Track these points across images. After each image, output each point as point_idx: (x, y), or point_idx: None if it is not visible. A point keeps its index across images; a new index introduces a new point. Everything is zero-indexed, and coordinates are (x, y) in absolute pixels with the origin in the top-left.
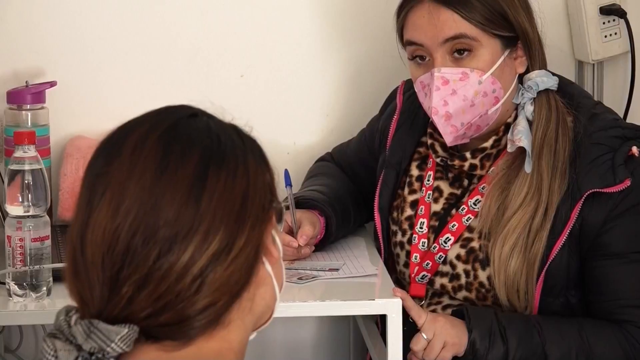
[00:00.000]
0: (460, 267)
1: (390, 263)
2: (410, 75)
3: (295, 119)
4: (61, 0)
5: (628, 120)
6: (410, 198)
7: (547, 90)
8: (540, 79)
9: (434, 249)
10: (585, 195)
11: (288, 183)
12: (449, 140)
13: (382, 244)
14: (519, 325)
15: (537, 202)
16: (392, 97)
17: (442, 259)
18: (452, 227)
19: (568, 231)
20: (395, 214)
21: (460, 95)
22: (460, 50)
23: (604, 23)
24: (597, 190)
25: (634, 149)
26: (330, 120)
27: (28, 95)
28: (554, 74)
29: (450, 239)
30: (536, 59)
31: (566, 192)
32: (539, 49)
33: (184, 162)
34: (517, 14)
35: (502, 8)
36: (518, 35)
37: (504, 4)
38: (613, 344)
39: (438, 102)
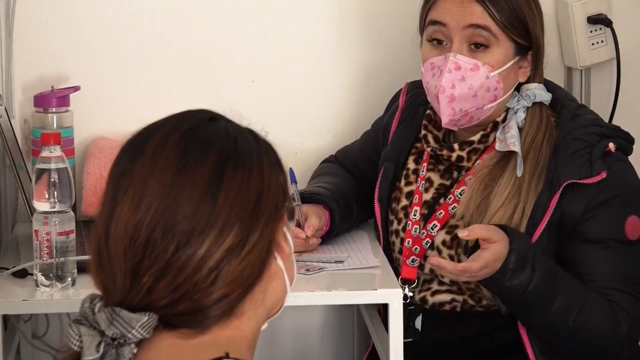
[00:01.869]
0: (446, 252)
1: (389, 251)
2: (421, 57)
3: (303, 121)
4: (84, 12)
5: (614, 123)
6: (406, 189)
7: (540, 103)
8: (538, 92)
9: (422, 234)
10: (563, 186)
11: (293, 180)
12: (445, 121)
13: (381, 233)
14: (547, 263)
15: (517, 201)
16: (396, 97)
17: (429, 245)
18: (439, 214)
19: (547, 219)
20: (393, 205)
21: (468, 83)
22: (477, 44)
23: (591, 32)
24: (575, 181)
25: (611, 145)
26: (336, 123)
27: (53, 99)
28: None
29: (436, 226)
30: (538, 72)
31: (545, 183)
32: (542, 64)
33: (202, 162)
34: (535, 27)
35: (525, 18)
36: (532, 46)
37: (527, 15)
38: (607, 317)
39: (447, 82)
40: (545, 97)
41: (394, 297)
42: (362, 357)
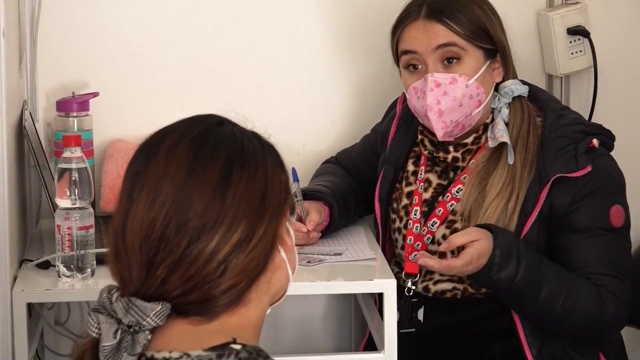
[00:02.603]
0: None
1: (388, 247)
2: (403, 85)
3: (305, 125)
4: (103, 24)
5: None
6: (407, 190)
7: (519, 97)
8: (515, 87)
9: (423, 231)
10: (552, 180)
11: (295, 179)
12: (440, 135)
13: (380, 230)
14: (531, 255)
15: (512, 189)
16: (392, 105)
17: (430, 240)
18: (438, 212)
19: (538, 211)
20: (394, 205)
21: (451, 96)
22: (449, 59)
23: (570, 42)
24: (563, 175)
25: (594, 141)
26: (336, 126)
27: (74, 104)
28: (527, 83)
29: (436, 222)
30: (510, 70)
31: (535, 178)
32: (512, 61)
33: (212, 163)
34: (496, 31)
35: (485, 25)
36: (497, 49)
37: (485, 22)
38: (594, 300)
39: (432, 100)
40: (522, 90)
41: (388, 287)
42: (359, 342)
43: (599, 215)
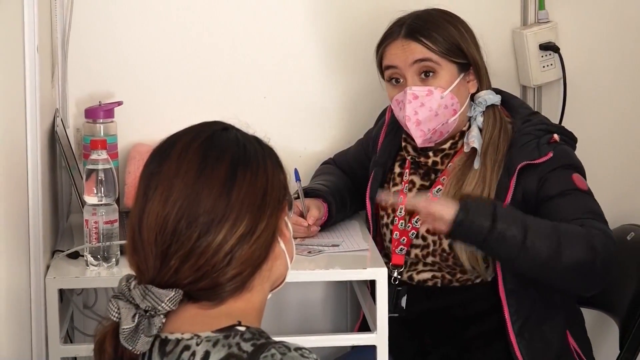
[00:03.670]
0: (430, 239)
1: (378, 240)
2: (388, 96)
3: (306, 130)
4: (126, 41)
5: None
6: (393, 190)
7: (493, 105)
8: (488, 97)
9: (407, 227)
10: (518, 168)
11: (297, 178)
12: (419, 142)
13: (371, 225)
14: (503, 207)
15: (482, 188)
16: (383, 113)
17: (414, 235)
18: None
19: (510, 198)
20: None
21: (427, 107)
22: (426, 72)
23: (542, 56)
24: (527, 162)
25: (555, 136)
26: (333, 131)
27: (101, 112)
28: (502, 91)
29: (419, 219)
30: (483, 81)
31: (504, 172)
32: (485, 74)
33: (218, 164)
34: (469, 47)
35: (458, 42)
36: (470, 63)
37: (459, 39)
38: (579, 232)
39: (410, 111)
40: (494, 99)
41: (380, 275)
42: (354, 324)
43: (564, 181)
